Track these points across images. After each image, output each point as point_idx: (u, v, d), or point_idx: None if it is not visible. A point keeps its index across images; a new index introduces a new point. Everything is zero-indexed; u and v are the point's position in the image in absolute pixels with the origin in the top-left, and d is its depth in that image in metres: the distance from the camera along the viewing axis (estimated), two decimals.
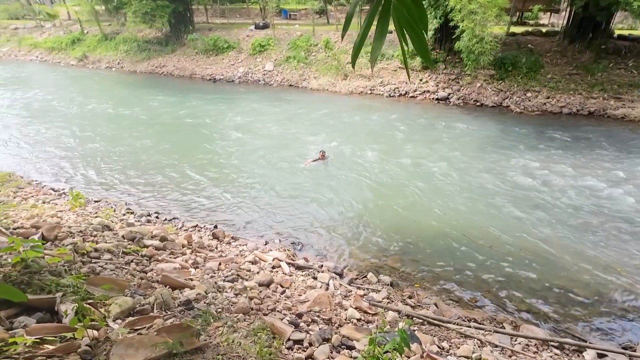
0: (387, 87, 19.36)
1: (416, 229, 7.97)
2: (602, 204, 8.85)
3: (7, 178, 9.37)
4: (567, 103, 16.09)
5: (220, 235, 7.32)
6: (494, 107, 16.87)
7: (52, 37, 33.85)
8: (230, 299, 4.30)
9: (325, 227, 8.08)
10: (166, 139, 13.56)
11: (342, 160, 11.37)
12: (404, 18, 1.26)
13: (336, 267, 6.59)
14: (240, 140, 13.26)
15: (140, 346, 2.51)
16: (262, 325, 3.63)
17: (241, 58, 24.62)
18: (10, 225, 5.41)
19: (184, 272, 4.98)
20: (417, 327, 4.84)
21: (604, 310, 5.87)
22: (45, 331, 2.68)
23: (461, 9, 15.64)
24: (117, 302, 3.28)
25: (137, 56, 27.92)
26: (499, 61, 17.76)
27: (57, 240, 5.00)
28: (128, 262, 4.86)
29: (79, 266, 4.10)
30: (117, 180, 10.26)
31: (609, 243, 7.44)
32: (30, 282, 3.33)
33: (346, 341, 3.92)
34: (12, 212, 6.58)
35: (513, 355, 4.58)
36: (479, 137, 13.28)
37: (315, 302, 4.71)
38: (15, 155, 12.02)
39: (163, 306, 3.62)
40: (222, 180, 10.22)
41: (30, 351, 2.48)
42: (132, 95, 20.19)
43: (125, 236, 5.86)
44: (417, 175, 10.38)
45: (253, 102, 18.41)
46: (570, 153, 11.68)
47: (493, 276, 6.57)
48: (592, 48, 17.36)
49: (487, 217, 8.36)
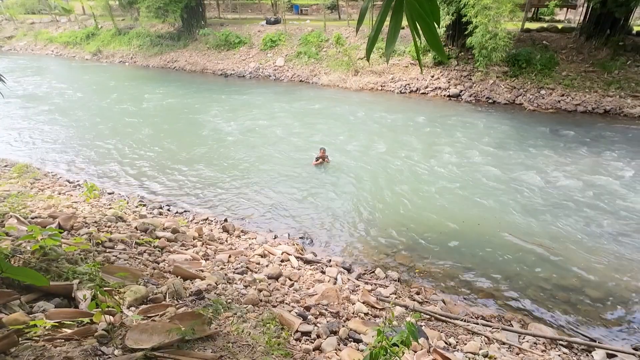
0: (398, 84, 19.23)
1: (425, 225, 7.95)
2: (616, 203, 8.70)
3: (24, 169, 9.61)
4: (582, 101, 15.78)
5: (230, 229, 7.42)
6: (506, 104, 16.64)
7: (68, 31, 34.42)
8: (240, 290, 4.38)
9: (334, 223, 8.12)
10: (178, 133, 13.72)
11: (351, 156, 11.36)
12: (417, 11, 1.28)
13: (344, 262, 6.63)
14: (251, 136, 13.34)
15: (154, 332, 2.59)
16: (271, 317, 3.70)
17: (252, 53, 24.70)
18: (29, 215, 5.58)
19: (194, 263, 5.08)
20: (424, 323, 4.85)
21: (614, 310, 5.80)
22: (64, 315, 2.79)
23: (474, 5, 15.44)
24: (131, 289, 3.38)
25: (149, 51, 28.22)
26: (513, 58, 17.50)
27: (73, 229, 5.14)
28: (141, 252, 4.97)
29: (94, 255, 4.22)
30: (129, 173, 10.44)
31: (621, 243, 7.32)
32: (49, 269, 3.45)
33: (353, 334, 3.97)
34: (30, 202, 6.77)
35: (521, 353, 4.57)
36: (490, 134, 13.13)
37: (323, 296, 4.76)
38: (31, 147, 12.32)
39: (175, 295, 3.71)
40: (232, 175, 10.33)
41: (50, 334, 2.58)
42: (145, 90, 20.43)
43: (138, 227, 5.99)
44: (426, 172, 10.33)
45: (264, 98, 18.49)
46: (585, 152, 11.49)
47: (502, 274, 6.53)
48: (609, 45, 16.97)
49: (497, 215, 8.30)
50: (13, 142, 12.77)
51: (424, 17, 1.28)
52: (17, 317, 2.65)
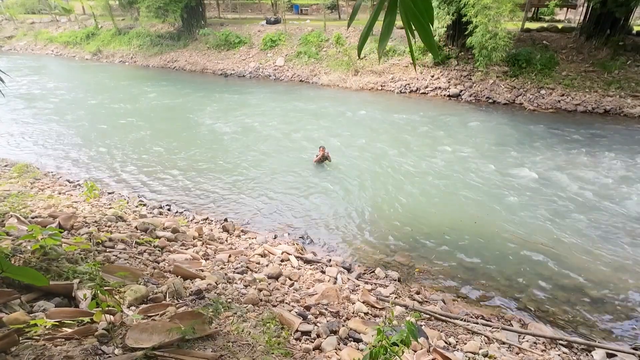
0: (398, 84, 19.24)
1: (425, 225, 7.96)
2: (617, 203, 8.70)
3: (24, 169, 9.62)
4: (582, 101, 15.78)
5: (230, 228, 7.42)
6: (506, 104, 16.64)
7: (68, 31, 34.43)
8: (240, 290, 4.38)
9: (334, 222, 8.12)
10: (178, 133, 13.73)
11: (351, 156, 11.37)
12: (411, 10, 1.28)
13: (344, 261, 6.63)
14: (251, 135, 13.35)
15: (154, 331, 2.59)
16: (271, 316, 3.70)
17: (252, 53, 24.71)
18: (29, 215, 5.59)
19: (195, 263, 5.08)
20: (424, 323, 4.86)
21: (614, 310, 5.80)
22: (64, 315, 2.79)
23: (474, 4, 15.44)
24: (132, 289, 3.38)
25: (149, 51, 28.23)
26: (513, 57, 17.50)
27: (73, 229, 5.14)
28: (141, 252, 4.97)
29: (94, 254, 4.22)
30: (129, 173, 10.44)
31: (621, 243, 7.33)
32: (49, 269, 3.45)
33: (353, 334, 3.97)
34: (30, 202, 6.78)
35: (520, 352, 4.57)
36: (490, 134, 13.13)
37: (323, 295, 4.77)
38: (31, 147, 12.31)
39: (175, 295, 3.71)
40: (231, 174, 10.33)
41: (50, 333, 2.58)
42: (144, 89, 20.43)
43: (138, 227, 5.99)
44: (426, 171, 10.33)
45: (264, 97, 18.49)
46: (585, 152, 11.49)
47: (502, 273, 6.54)
48: (609, 45, 16.97)
49: (497, 215, 8.30)
50: (13, 141, 12.76)
51: (418, 16, 1.28)
52: (17, 316, 2.65)
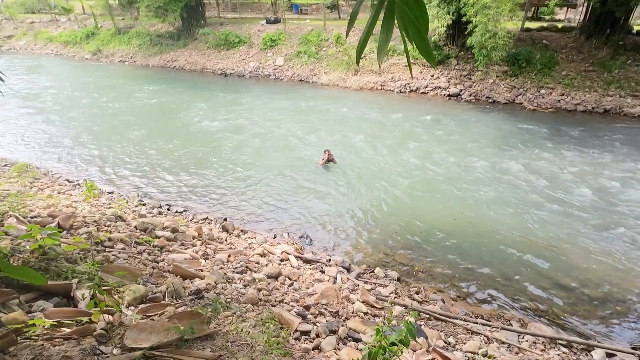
0: (398, 83, 19.23)
1: (425, 225, 7.95)
2: (617, 203, 8.70)
3: (24, 169, 9.61)
4: (582, 100, 15.78)
5: (230, 228, 7.42)
6: (506, 103, 16.64)
7: (67, 31, 34.37)
8: (239, 289, 4.38)
9: (334, 222, 8.12)
10: (177, 133, 13.71)
11: (351, 155, 11.36)
12: (407, 16, 1.27)
13: (344, 261, 6.63)
14: (251, 135, 13.34)
15: (152, 331, 2.59)
16: (271, 316, 3.70)
17: (252, 53, 24.69)
18: (28, 214, 5.58)
19: (194, 262, 5.08)
20: (423, 322, 4.86)
21: (613, 310, 5.80)
22: (62, 315, 2.79)
23: (474, 4, 15.43)
24: (130, 289, 3.38)
25: (149, 50, 28.20)
26: (513, 57, 17.49)
27: (72, 229, 5.14)
28: (140, 251, 4.97)
29: (93, 254, 4.22)
30: (129, 172, 10.43)
31: (621, 243, 7.32)
32: (48, 269, 3.45)
33: (353, 333, 3.97)
34: (30, 201, 6.77)
35: (520, 352, 4.57)
36: (490, 134, 13.13)
37: (323, 295, 4.76)
38: (31, 146, 12.30)
39: (174, 295, 3.71)
40: (231, 174, 10.33)
41: (48, 333, 2.58)
42: (144, 89, 20.42)
43: (137, 227, 5.99)
44: (426, 171, 10.33)
45: (264, 97, 18.48)
46: (585, 151, 11.48)
47: (502, 273, 6.54)
48: (609, 44, 16.96)
49: (496, 214, 8.30)
50: (13, 141, 12.75)
51: (415, 23, 1.28)
52: (16, 316, 2.65)
